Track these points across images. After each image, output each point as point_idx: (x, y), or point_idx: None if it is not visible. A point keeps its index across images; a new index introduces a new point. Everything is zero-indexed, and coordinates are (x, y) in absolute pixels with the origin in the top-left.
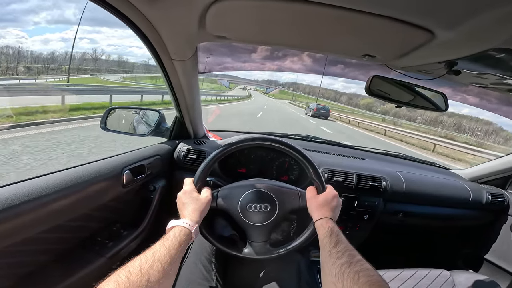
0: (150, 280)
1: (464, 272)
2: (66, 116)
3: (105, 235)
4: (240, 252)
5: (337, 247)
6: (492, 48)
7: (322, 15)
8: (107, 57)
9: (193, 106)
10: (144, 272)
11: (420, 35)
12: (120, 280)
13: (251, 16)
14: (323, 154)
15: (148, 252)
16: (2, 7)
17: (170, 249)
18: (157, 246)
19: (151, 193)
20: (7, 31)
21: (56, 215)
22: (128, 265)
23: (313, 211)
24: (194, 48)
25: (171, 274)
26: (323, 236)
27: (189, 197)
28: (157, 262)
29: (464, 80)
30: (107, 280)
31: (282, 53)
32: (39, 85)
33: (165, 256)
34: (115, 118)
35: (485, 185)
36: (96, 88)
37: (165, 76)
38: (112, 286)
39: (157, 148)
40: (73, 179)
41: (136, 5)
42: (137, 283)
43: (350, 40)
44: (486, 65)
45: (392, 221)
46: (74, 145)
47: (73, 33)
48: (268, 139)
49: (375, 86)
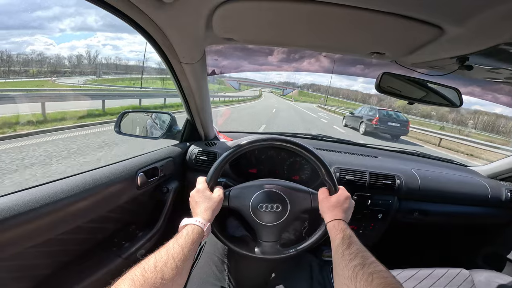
0: (164, 277)
1: (484, 271)
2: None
3: (121, 236)
4: (251, 251)
5: (350, 248)
6: (503, 43)
7: (328, 14)
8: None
9: (203, 108)
10: (159, 270)
11: (429, 31)
12: (136, 277)
13: (257, 17)
14: (334, 153)
15: (162, 250)
16: (27, 14)
17: (183, 246)
18: (170, 244)
19: (165, 195)
20: (36, 38)
21: (75, 216)
22: (143, 263)
23: (325, 213)
24: (203, 51)
25: (184, 272)
26: (336, 237)
27: (202, 196)
28: (170, 260)
29: (477, 75)
30: (123, 278)
31: (299, 54)
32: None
33: (178, 254)
34: (128, 121)
35: (505, 181)
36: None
37: (175, 79)
38: (128, 284)
39: (169, 150)
40: (90, 182)
41: (144, 11)
42: (152, 280)
43: (358, 38)
44: (499, 59)
45: (407, 220)
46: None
47: (97, 40)
48: (280, 139)
49: (385, 83)
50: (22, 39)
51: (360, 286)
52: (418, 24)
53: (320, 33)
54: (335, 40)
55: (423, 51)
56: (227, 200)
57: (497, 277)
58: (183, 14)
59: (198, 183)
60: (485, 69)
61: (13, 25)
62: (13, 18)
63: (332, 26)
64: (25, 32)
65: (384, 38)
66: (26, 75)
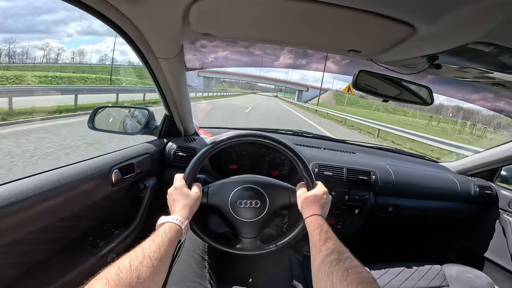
0: (140, 276)
1: (455, 265)
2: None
3: (96, 234)
4: (231, 248)
5: (326, 244)
6: (471, 42)
7: (306, 10)
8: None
9: (182, 104)
10: (134, 269)
11: (402, 29)
12: (110, 277)
13: (234, 13)
14: (314, 148)
15: (137, 249)
16: (33, 17)
17: (160, 245)
18: (147, 243)
19: (142, 192)
20: (46, 42)
21: (44, 215)
22: (117, 262)
23: (303, 208)
24: (180, 46)
25: (162, 271)
26: (313, 233)
27: (180, 193)
28: (147, 259)
29: (447, 74)
30: (97, 278)
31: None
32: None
33: (155, 253)
34: (104, 117)
35: (473, 177)
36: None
37: (151, 74)
38: (102, 284)
39: (146, 146)
40: (60, 179)
41: (115, 5)
42: (127, 280)
43: (334, 35)
44: (467, 59)
45: (383, 215)
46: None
47: (106, 45)
48: (259, 135)
49: (362, 80)
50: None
51: (336, 281)
52: (391, 22)
53: (297, 29)
54: (313, 37)
55: (397, 49)
56: (205, 197)
57: (467, 271)
58: (158, 9)
59: (175, 180)
60: (454, 68)
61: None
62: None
63: (310, 22)
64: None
65: (360, 36)
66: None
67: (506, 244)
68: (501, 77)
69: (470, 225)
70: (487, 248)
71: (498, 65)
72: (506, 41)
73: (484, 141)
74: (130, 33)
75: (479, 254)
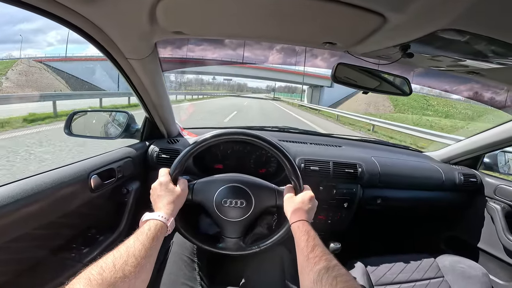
0: (125, 275)
1: (447, 256)
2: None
3: (80, 241)
4: (213, 247)
5: (314, 251)
6: (440, 29)
7: (278, 3)
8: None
9: (161, 105)
10: (118, 268)
11: (373, 19)
12: (92, 277)
13: (204, 9)
14: (300, 144)
15: (121, 247)
16: (9, 27)
17: (144, 243)
18: (131, 241)
19: (125, 196)
20: (27, 53)
21: (20, 224)
22: (100, 261)
23: (288, 212)
24: (152, 46)
25: (148, 269)
26: (300, 239)
27: (165, 189)
28: (131, 258)
29: (421, 64)
30: (78, 277)
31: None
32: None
33: (140, 251)
34: (82, 122)
35: (457, 166)
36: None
37: (124, 76)
38: (84, 283)
39: (127, 150)
40: (35, 187)
41: (69, 6)
42: (111, 279)
43: (308, 27)
44: (437, 47)
45: (372, 207)
46: None
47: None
48: (247, 134)
49: (341, 73)
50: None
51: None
52: (362, 12)
53: (271, 23)
54: (287, 30)
55: (371, 40)
56: (190, 194)
57: (460, 261)
58: (120, 8)
59: (160, 175)
60: (427, 57)
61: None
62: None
63: (282, 15)
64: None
65: (333, 28)
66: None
67: (495, 233)
68: (474, 65)
69: (459, 215)
70: (478, 237)
71: (468, 52)
72: (473, 27)
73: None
74: (93, 34)
75: (470, 243)
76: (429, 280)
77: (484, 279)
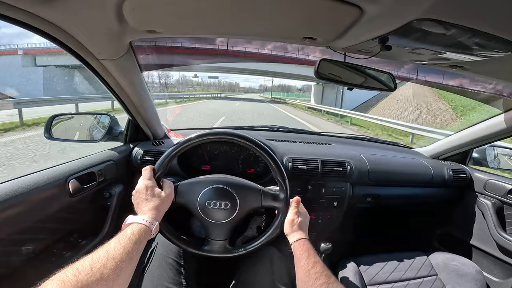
0: (103, 278)
1: (440, 253)
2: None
3: (61, 246)
4: (198, 249)
5: (315, 267)
6: (416, 19)
7: None
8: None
9: (143, 107)
10: (96, 271)
11: (350, 11)
12: (67, 278)
13: (173, 7)
14: (289, 143)
15: (100, 250)
16: None
17: (126, 246)
18: (111, 244)
19: (107, 200)
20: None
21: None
22: (76, 264)
23: (288, 232)
24: (125, 45)
25: (128, 273)
26: (301, 256)
27: (151, 193)
28: (111, 261)
29: (402, 57)
30: (52, 278)
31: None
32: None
33: (121, 254)
34: (63, 125)
35: (446, 161)
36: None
37: (99, 77)
38: (56, 285)
39: (109, 153)
40: (8, 192)
41: (25, 9)
42: (87, 282)
43: (286, 22)
44: (415, 39)
45: (362, 205)
46: None
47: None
48: (233, 134)
49: (325, 69)
50: None
51: None
52: (340, 5)
53: (248, 18)
54: (265, 26)
55: (350, 34)
56: (174, 195)
57: (453, 259)
58: (81, 9)
59: (144, 177)
60: (406, 50)
61: None
62: None
63: (258, 10)
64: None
65: (311, 22)
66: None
67: (487, 229)
68: (456, 58)
69: (450, 211)
70: (470, 234)
71: (448, 44)
72: (449, 17)
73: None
74: (58, 37)
75: (462, 240)
76: (422, 279)
77: (478, 276)
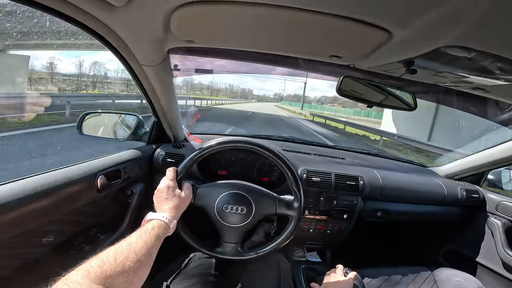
0: (125, 270)
1: (444, 269)
2: None
3: (81, 239)
4: (211, 251)
5: None
6: (444, 46)
7: (288, 17)
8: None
9: (170, 110)
10: (119, 262)
11: (379, 35)
12: (92, 269)
13: (216, 21)
14: (304, 154)
15: (123, 242)
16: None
17: (146, 241)
18: (133, 238)
19: (129, 198)
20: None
21: (24, 220)
22: (101, 255)
23: None
24: (164, 53)
25: (147, 266)
26: None
27: (172, 193)
28: (132, 253)
29: (425, 79)
30: (77, 269)
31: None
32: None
33: (142, 248)
34: (93, 123)
35: (461, 181)
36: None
37: (137, 81)
38: (82, 275)
39: (134, 152)
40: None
41: (94, 14)
42: (110, 272)
43: (316, 41)
44: (442, 63)
45: (371, 220)
46: None
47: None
48: (251, 142)
49: (347, 86)
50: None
51: None
52: (369, 28)
53: (280, 36)
54: (296, 43)
55: (376, 55)
56: (193, 197)
57: (457, 275)
58: (137, 17)
59: (168, 178)
60: (431, 73)
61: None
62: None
63: (293, 29)
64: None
65: (339, 42)
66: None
67: (495, 247)
68: (479, 81)
69: (459, 229)
70: (476, 251)
71: (473, 69)
72: (477, 44)
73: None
74: (111, 40)
75: (469, 257)
76: None
77: None
